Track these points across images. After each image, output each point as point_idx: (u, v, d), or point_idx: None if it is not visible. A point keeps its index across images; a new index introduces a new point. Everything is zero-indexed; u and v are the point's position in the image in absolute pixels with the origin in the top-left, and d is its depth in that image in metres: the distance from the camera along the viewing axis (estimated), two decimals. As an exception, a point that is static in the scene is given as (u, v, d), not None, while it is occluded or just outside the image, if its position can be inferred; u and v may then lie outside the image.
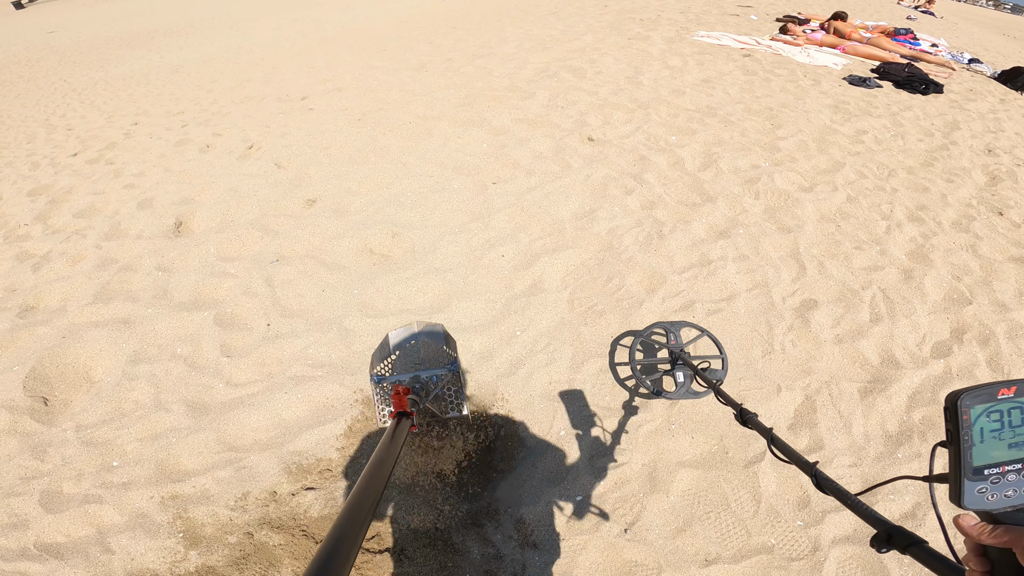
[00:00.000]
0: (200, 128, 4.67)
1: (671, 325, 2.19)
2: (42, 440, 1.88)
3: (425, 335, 1.62)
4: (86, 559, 1.56)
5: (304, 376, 2.06)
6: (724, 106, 4.47)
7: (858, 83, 5.25)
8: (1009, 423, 0.56)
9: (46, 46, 11.14)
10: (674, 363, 2.02)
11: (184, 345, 2.18)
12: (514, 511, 1.73)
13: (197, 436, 1.86)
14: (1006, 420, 0.56)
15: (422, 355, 1.61)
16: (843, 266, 2.82)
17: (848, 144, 4.03)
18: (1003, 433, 0.56)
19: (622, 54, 5.81)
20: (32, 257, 2.85)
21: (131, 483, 1.74)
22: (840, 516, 1.78)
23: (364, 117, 4.39)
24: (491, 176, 3.33)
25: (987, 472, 0.56)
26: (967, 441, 0.56)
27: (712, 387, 1.43)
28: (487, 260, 2.65)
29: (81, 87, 7.22)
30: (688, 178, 3.42)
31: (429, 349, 1.63)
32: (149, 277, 2.55)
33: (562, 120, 4.09)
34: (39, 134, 5.32)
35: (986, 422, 0.56)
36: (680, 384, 1.99)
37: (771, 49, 6.21)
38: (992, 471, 0.56)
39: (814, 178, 3.56)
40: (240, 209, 3.06)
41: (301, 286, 2.47)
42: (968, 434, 0.56)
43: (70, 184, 3.79)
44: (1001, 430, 0.56)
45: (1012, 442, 0.56)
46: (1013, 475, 0.56)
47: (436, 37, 7.49)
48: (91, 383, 2.08)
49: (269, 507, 1.69)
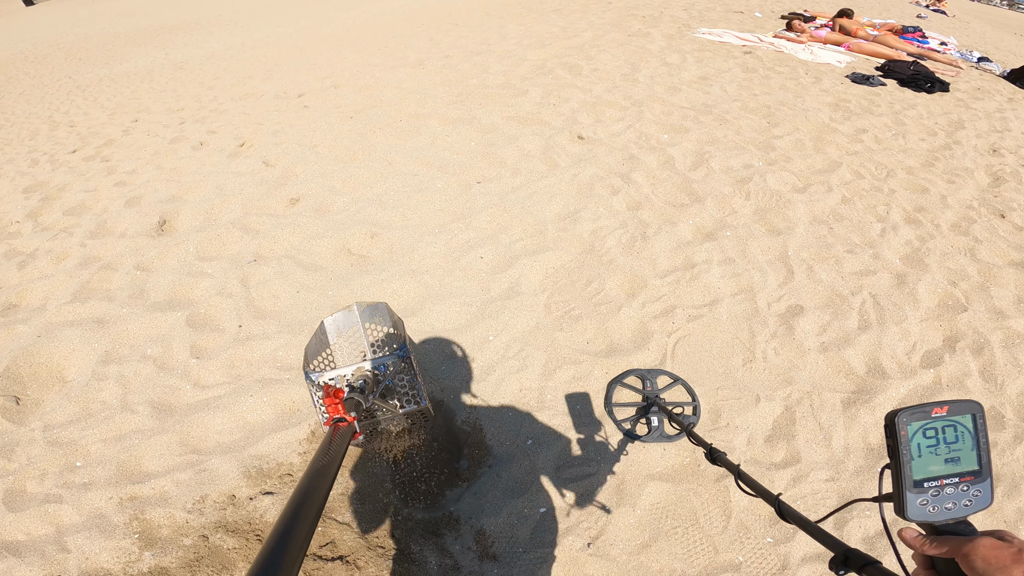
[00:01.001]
0: (196, 125, 4.69)
1: (647, 372, 2.15)
2: (11, 439, 1.90)
3: (367, 318, 1.44)
4: (42, 557, 1.57)
5: (271, 379, 2.05)
6: (720, 104, 4.37)
7: (861, 81, 5.11)
8: (944, 439, 0.61)
9: (53, 43, 11.29)
10: (648, 408, 1.99)
11: (155, 346, 2.18)
12: (475, 521, 1.70)
13: (160, 438, 1.86)
14: (940, 437, 0.61)
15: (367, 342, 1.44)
16: (833, 270, 2.75)
17: (847, 143, 3.92)
18: (939, 449, 0.61)
19: (620, 51, 5.72)
20: (19, 255, 2.88)
21: (92, 483, 1.74)
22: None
23: (356, 115, 4.37)
24: (476, 175, 3.29)
25: (927, 485, 0.60)
26: (906, 455, 0.61)
27: (684, 428, 1.39)
28: (465, 262, 2.62)
29: (86, 84, 7.30)
30: (677, 178, 3.35)
31: (374, 334, 1.44)
32: (127, 276, 2.56)
33: (553, 118, 4.04)
34: (42, 131, 5.39)
35: (922, 439, 0.61)
36: (654, 428, 1.95)
37: (774, 46, 6.08)
38: (931, 484, 0.60)
39: (808, 178, 3.47)
40: (224, 208, 3.06)
41: (276, 287, 2.46)
42: (907, 449, 0.61)
43: (65, 181, 3.82)
44: (936, 446, 0.61)
45: (947, 457, 0.61)
46: (951, 488, 0.60)
47: (437, 34, 7.44)
48: (63, 382, 2.09)
49: (226, 510, 1.68)
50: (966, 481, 0.61)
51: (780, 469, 1.89)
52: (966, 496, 0.61)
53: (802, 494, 1.84)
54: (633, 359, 2.20)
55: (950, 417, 0.61)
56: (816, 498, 1.84)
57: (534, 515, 1.73)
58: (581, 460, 1.87)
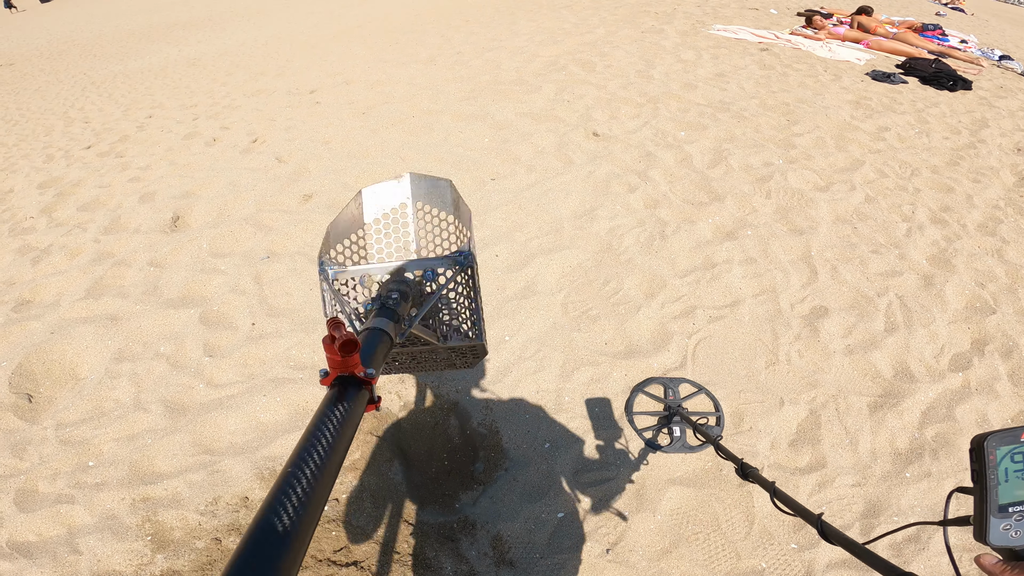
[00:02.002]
0: (210, 122, 4.69)
1: (669, 381, 2.10)
2: (23, 438, 1.88)
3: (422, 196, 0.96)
4: (54, 559, 1.55)
5: (285, 378, 2.02)
6: (738, 101, 4.30)
7: (882, 79, 5.00)
8: None
9: (68, 39, 11.38)
10: (670, 418, 1.94)
11: (168, 343, 2.17)
12: (491, 526, 1.67)
13: (173, 438, 1.84)
14: None
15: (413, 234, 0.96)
16: (858, 271, 2.68)
17: (869, 141, 3.84)
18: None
19: (634, 47, 5.65)
20: (33, 250, 2.88)
21: (104, 484, 1.72)
22: (839, 540, 1.67)
23: (368, 111, 4.35)
24: (490, 172, 3.25)
25: (1011, 510, 0.59)
26: (992, 480, 0.59)
27: (712, 441, 1.33)
28: (480, 260, 2.58)
29: (101, 80, 7.34)
30: (696, 176, 3.29)
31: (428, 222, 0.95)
32: (141, 272, 2.55)
33: (567, 114, 3.99)
34: (57, 127, 5.42)
35: (1010, 463, 0.59)
36: (676, 438, 1.90)
37: (791, 43, 5.98)
38: (1017, 509, 0.59)
39: (831, 177, 3.39)
40: (237, 204, 3.04)
41: (289, 284, 2.43)
42: (994, 474, 0.59)
43: (79, 177, 3.83)
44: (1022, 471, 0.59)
45: None
46: None
47: (448, 30, 7.40)
48: (76, 380, 2.08)
49: (239, 513, 1.65)
50: None
51: (805, 474, 1.83)
52: None
53: (827, 499, 1.79)
54: (653, 361, 2.15)
55: None
56: (842, 504, 1.78)
57: (552, 520, 1.69)
58: (600, 464, 1.83)
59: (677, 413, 1.93)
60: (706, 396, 2.05)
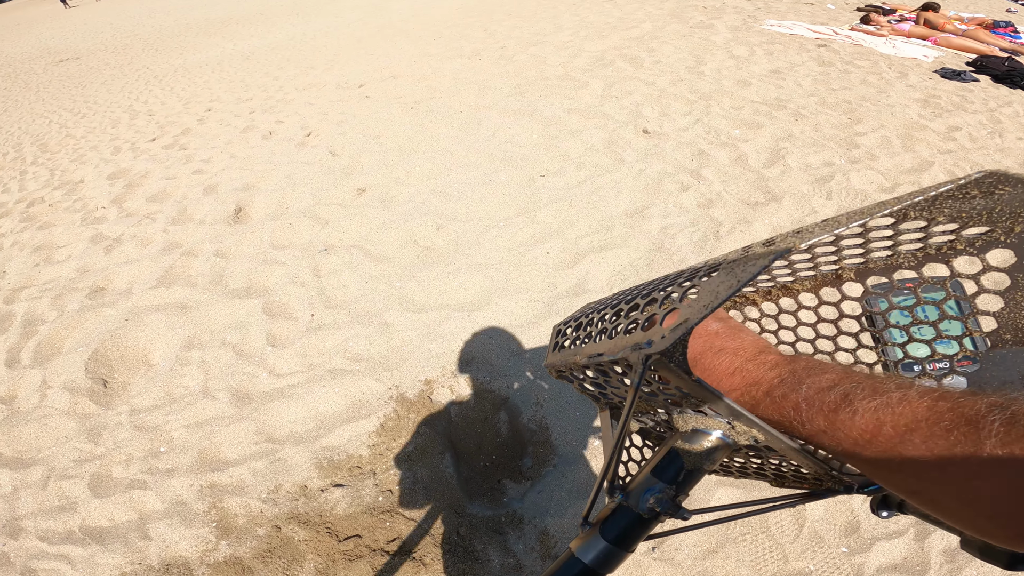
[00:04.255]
0: (265, 115, 4.85)
1: None
2: (98, 423, 1.99)
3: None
4: (125, 544, 1.64)
5: (342, 369, 2.09)
6: (795, 98, 4.14)
7: (951, 76, 4.72)
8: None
9: (131, 33, 11.94)
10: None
11: (234, 332, 2.26)
12: (539, 521, 1.68)
13: (238, 426, 1.92)
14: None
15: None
16: (924, 278, 2.55)
17: (938, 141, 3.64)
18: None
19: (683, 43, 5.52)
20: (105, 239, 3.05)
21: (174, 470, 1.81)
22: (891, 544, 1.61)
23: (417, 105, 4.40)
24: (540, 168, 3.25)
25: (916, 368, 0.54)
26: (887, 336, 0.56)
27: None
28: (531, 256, 2.58)
29: (162, 74, 7.69)
30: (751, 175, 3.19)
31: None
32: (208, 263, 2.67)
33: (616, 111, 3.93)
34: (123, 119, 5.71)
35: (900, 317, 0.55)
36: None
37: (851, 39, 5.70)
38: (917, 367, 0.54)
39: (897, 178, 3.23)
40: (294, 196, 3.14)
41: (346, 276, 2.50)
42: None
43: (146, 168, 4.03)
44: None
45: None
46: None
47: (491, 24, 7.41)
48: (148, 366, 2.19)
49: (298, 501, 1.71)
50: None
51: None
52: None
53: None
54: (707, 364, 2.12)
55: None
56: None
57: (600, 518, 1.69)
58: (653, 465, 1.81)
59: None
60: None
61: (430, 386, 2.05)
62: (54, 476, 1.84)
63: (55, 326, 2.41)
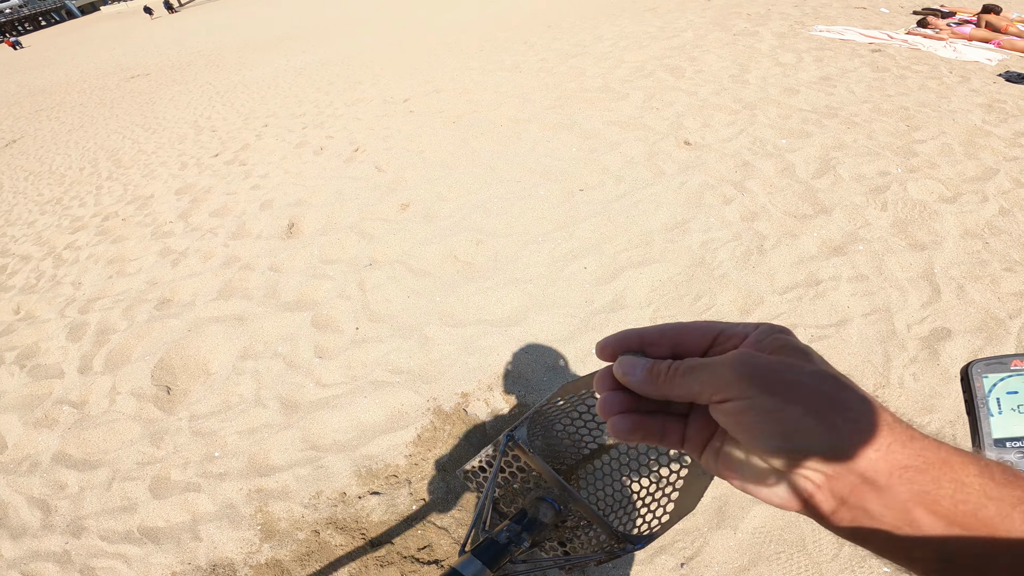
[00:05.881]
0: (316, 131, 5.10)
1: None
2: (160, 428, 2.14)
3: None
4: (177, 545, 1.75)
5: (383, 381, 2.17)
6: (847, 106, 3.99)
7: (1018, 80, 4.42)
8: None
9: (195, 50, 12.78)
10: None
11: (285, 344, 2.40)
12: (572, 536, 1.69)
13: (286, 433, 2.02)
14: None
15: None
16: (988, 290, 2.40)
17: (1004, 148, 3.41)
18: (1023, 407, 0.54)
19: (726, 51, 5.41)
20: (173, 253, 3.30)
21: (226, 474, 1.92)
22: None
23: (458, 120, 4.52)
24: (579, 182, 3.27)
25: (1009, 445, 0.53)
26: (983, 411, 0.54)
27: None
28: (569, 272, 2.61)
29: (224, 89, 8.20)
30: (799, 186, 3.10)
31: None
32: (263, 276, 2.84)
33: (657, 122, 3.91)
34: (188, 135, 6.13)
35: (1003, 395, 0.54)
36: None
37: (907, 44, 5.42)
38: (1016, 444, 0.53)
39: (959, 187, 3.06)
40: (342, 212, 3.29)
41: (389, 291, 2.60)
42: (984, 404, 0.54)
43: (209, 184, 4.32)
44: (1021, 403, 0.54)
45: None
46: None
47: (531, 36, 7.49)
48: (208, 375, 2.36)
49: (337, 507, 1.79)
50: None
51: None
52: None
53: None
54: (748, 384, 2.07)
55: None
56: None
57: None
58: (692, 487, 1.79)
59: None
60: None
61: (466, 399, 2.10)
62: (118, 478, 1.98)
63: (125, 335, 2.62)
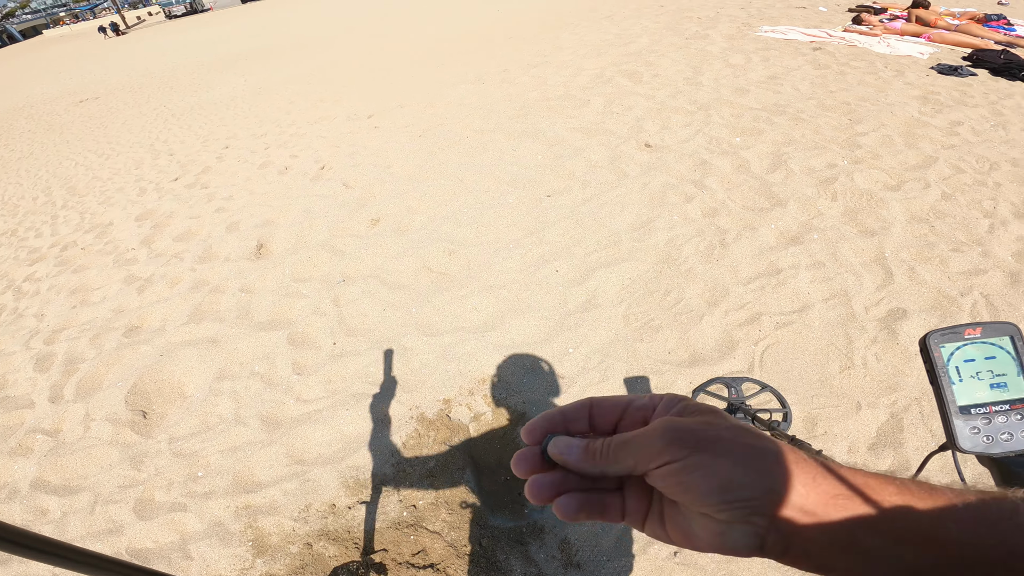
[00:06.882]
0: (280, 150, 5.05)
1: (732, 380, 2.11)
2: (139, 451, 2.12)
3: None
4: (169, 565, 1.73)
5: (365, 393, 2.18)
6: (793, 103, 4.20)
7: (949, 72, 4.74)
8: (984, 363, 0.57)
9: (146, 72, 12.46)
10: (733, 413, 1.95)
11: (261, 363, 2.39)
12: (559, 530, 1.73)
13: (269, 449, 2.02)
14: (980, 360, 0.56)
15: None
16: (938, 270, 2.56)
17: (941, 137, 3.66)
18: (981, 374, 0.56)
19: (680, 55, 5.63)
20: (138, 280, 3.22)
21: (212, 493, 1.91)
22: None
23: (424, 133, 4.56)
24: (546, 189, 3.35)
25: (974, 411, 0.54)
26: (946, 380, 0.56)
27: (767, 427, 1.34)
28: (541, 276, 2.67)
29: (180, 112, 8.02)
30: (755, 181, 3.25)
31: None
32: (234, 298, 2.81)
33: (618, 127, 4.03)
34: (145, 160, 5.97)
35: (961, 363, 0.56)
36: None
37: (845, 41, 5.76)
38: (979, 410, 0.55)
39: (902, 175, 3.26)
40: (312, 230, 3.28)
41: (364, 305, 2.61)
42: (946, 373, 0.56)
43: (171, 209, 4.23)
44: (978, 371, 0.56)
45: (992, 382, 0.56)
46: (1003, 417, 0.54)
47: (493, 48, 7.62)
48: (184, 398, 2.32)
49: (328, 519, 1.80)
50: (1018, 409, 0.55)
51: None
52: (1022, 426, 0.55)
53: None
54: (718, 368, 2.16)
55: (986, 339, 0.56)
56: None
57: (618, 524, 1.73)
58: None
59: (739, 409, 1.93)
60: (771, 394, 2.04)
61: (448, 405, 2.13)
62: (100, 501, 1.96)
63: (95, 363, 2.56)
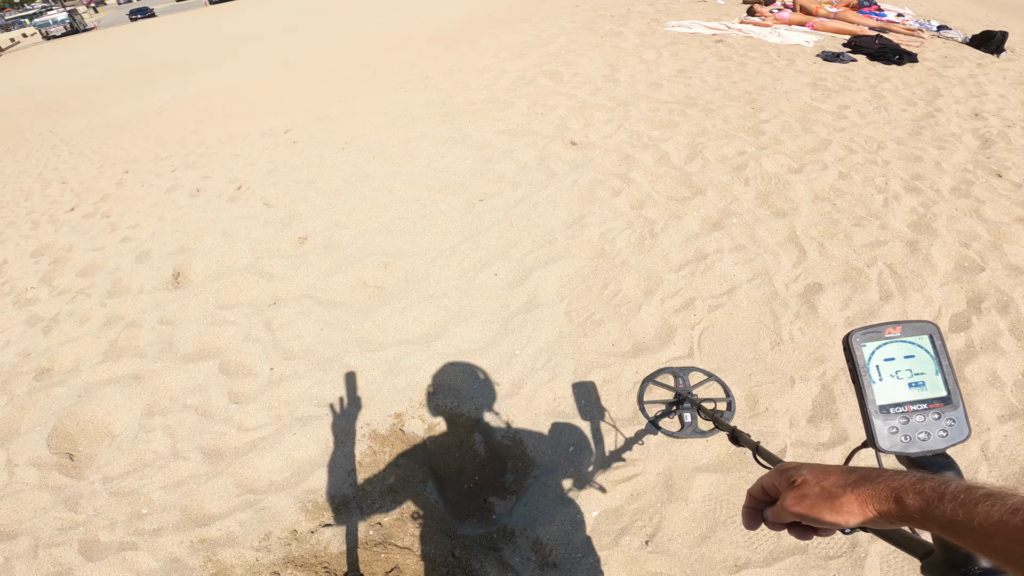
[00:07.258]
0: (189, 172, 4.71)
1: (679, 370, 2.19)
2: (73, 493, 1.96)
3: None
4: None
5: (311, 416, 2.09)
6: (703, 95, 4.46)
7: (832, 59, 5.22)
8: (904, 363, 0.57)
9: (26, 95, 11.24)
10: (680, 404, 2.02)
11: (194, 395, 2.23)
12: (530, 532, 1.73)
13: (216, 481, 1.91)
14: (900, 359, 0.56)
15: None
16: (844, 245, 2.78)
17: (832, 120, 4.01)
18: (900, 373, 0.56)
19: (596, 53, 5.82)
20: (42, 320, 2.90)
21: (161, 529, 1.80)
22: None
23: (347, 145, 4.41)
24: (478, 193, 3.34)
25: (893, 411, 0.55)
26: (866, 379, 0.55)
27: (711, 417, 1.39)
28: (480, 281, 2.65)
29: (69, 137, 7.29)
30: (675, 172, 3.41)
31: None
32: (153, 331, 2.59)
33: (543, 127, 4.10)
34: (35, 190, 5.38)
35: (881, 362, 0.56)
36: (687, 423, 1.98)
37: (742, 32, 6.20)
38: (898, 410, 0.55)
39: (802, 158, 3.54)
40: (234, 254, 3.08)
41: (300, 327, 2.48)
42: (866, 372, 0.55)
43: (70, 241, 3.83)
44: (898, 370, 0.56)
45: (911, 382, 0.56)
46: (920, 416, 0.55)
47: (412, 55, 7.53)
48: (112, 437, 2.16)
49: (291, 546, 1.72)
50: (936, 409, 0.55)
51: (829, 449, 1.88)
52: (939, 425, 0.55)
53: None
54: (661, 355, 2.24)
55: (905, 339, 0.56)
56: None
57: (588, 519, 1.76)
58: (626, 461, 1.90)
59: (686, 399, 2.01)
60: (716, 383, 2.14)
61: (400, 419, 2.07)
62: (42, 544, 1.83)
63: (7, 410, 2.37)
